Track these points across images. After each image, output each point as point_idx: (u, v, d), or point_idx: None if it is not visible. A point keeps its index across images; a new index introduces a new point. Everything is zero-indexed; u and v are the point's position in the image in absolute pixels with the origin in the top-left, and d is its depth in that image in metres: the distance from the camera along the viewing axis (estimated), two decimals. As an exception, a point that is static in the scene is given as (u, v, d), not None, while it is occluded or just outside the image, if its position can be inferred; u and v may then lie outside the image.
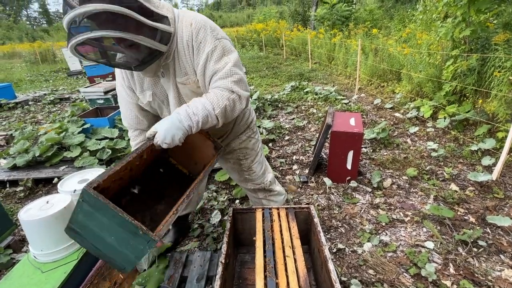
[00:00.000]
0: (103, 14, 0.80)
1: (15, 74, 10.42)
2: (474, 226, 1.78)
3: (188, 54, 1.00)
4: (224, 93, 0.97)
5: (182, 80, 1.05)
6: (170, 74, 1.05)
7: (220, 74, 0.98)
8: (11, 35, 31.82)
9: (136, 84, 1.12)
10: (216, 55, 0.98)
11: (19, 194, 2.48)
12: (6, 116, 5.24)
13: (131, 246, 0.78)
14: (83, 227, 0.81)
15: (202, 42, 0.98)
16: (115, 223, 0.75)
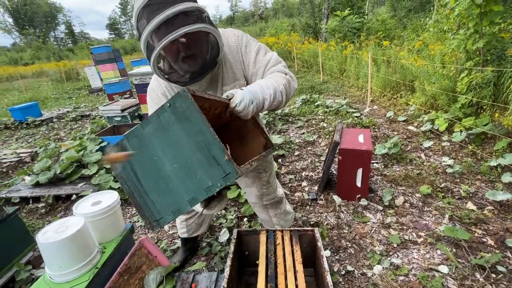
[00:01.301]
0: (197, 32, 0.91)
1: (42, 92, 11.14)
2: (493, 250, 1.69)
3: (238, 58, 1.13)
4: (280, 74, 1.09)
5: (230, 87, 1.15)
6: (217, 84, 1.15)
7: (271, 63, 1.13)
8: (39, 55, 34.20)
9: None
10: (262, 51, 1.14)
11: (40, 210, 2.62)
12: (32, 133, 5.59)
13: (198, 179, 0.65)
14: (142, 146, 0.69)
15: (247, 44, 1.14)
16: (195, 142, 0.64)
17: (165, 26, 0.86)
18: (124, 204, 2.61)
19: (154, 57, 0.90)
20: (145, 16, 0.88)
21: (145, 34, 0.87)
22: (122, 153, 0.76)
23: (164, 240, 2.08)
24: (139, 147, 0.71)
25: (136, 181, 0.73)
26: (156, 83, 1.19)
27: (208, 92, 1.09)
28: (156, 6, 0.86)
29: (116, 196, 1.45)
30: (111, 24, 62.89)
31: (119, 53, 10.44)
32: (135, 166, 0.73)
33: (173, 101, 0.66)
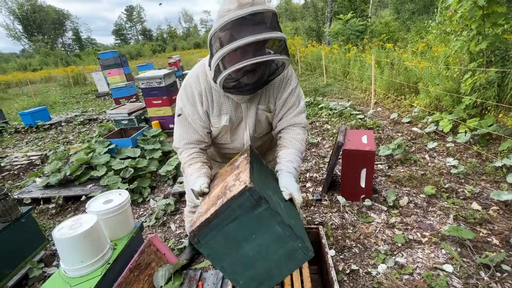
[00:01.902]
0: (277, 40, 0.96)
1: (51, 97, 11.38)
2: (498, 249, 1.69)
3: (278, 86, 1.19)
4: (304, 136, 1.21)
5: (263, 107, 1.21)
6: (254, 101, 1.19)
7: (298, 109, 1.22)
8: (48, 61, 34.90)
9: (214, 109, 1.17)
10: (296, 92, 1.22)
11: (51, 211, 2.69)
12: (42, 137, 5.73)
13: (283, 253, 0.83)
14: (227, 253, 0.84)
15: (289, 78, 1.21)
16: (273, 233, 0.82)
17: (253, 48, 0.90)
18: (132, 204, 2.67)
19: (230, 71, 0.92)
20: (235, 28, 0.88)
21: (230, 46, 0.87)
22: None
23: (171, 239, 2.13)
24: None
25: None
26: (195, 81, 1.15)
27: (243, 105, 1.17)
28: (250, 24, 0.88)
29: (126, 195, 1.50)
30: (117, 30, 63.99)
31: (125, 58, 10.65)
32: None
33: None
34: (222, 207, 0.78)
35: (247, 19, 0.88)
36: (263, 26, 0.90)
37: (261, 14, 0.89)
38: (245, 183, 0.76)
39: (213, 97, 1.16)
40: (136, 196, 2.73)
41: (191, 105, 1.17)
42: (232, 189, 0.80)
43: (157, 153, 3.28)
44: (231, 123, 1.20)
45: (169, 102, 4.52)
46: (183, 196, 2.68)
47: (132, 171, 2.83)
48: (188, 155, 1.19)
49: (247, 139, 1.26)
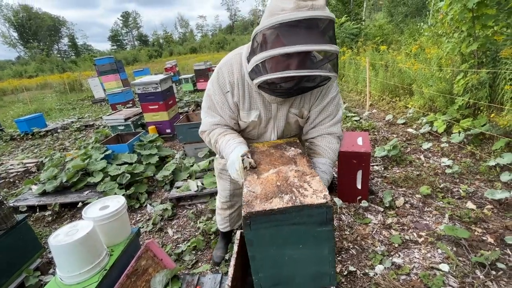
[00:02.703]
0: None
1: (46, 103, 11.33)
2: (493, 247, 1.71)
3: (315, 92, 1.11)
4: (338, 146, 1.18)
5: (296, 111, 1.14)
6: (286, 103, 1.12)
7: (335, 119, 1.17)
8: (43, 68, 34.81)
9: (245, 102, 1.12)
10: (335, 101, 1.14)
11: (47, 218, 2.67)
12: (38, 143, 5.69)
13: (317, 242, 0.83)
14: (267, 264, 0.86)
15: (330, 86, 1.11)
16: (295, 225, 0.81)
17: (302, 57, 0.83)
18: (129, 210, 2.66)
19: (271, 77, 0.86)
20: (287, 31, 0.80)
21: (277, 51, 0.80)
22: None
23: (169, 245, 2.12)
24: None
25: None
26: (229, 70, 1.09)
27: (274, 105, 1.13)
28: (304, 28, 0.79)
29: (123, 201, 1.50)
30: (113, 36, 64.10)
31: (121, 64, 10.67)
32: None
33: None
34: (293, 207, 0.76)
35: (302, 23, 0.78)
36: (317, 33, 0.81)
37: (319, 20, 0.79)
38: (326, 199, 0.76)
39: (245, 90, 1.10)
40: (133, 202, 2.73)
41: (222, 93, 1.12)
42: (305, 194, 0.80)
43: (154, 158, 3.28)
44: (259, 120, 1.15)
45: (166, 107, 4.53)
46: (180, 201, 2.68)
47: (129, 177, 2.83)
48: (220, 131, 1.16)
49: (274, 139, 1.23)
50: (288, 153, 1.07)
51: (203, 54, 35.88)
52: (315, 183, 0.85)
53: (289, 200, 0.79)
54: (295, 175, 0.91)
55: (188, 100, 7.50)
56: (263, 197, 0.84)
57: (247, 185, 0.91)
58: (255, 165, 0.99)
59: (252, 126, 1.19)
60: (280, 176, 0.92)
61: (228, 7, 72.56)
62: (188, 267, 1.87)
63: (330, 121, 1.16)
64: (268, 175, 0.95)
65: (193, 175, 3.01)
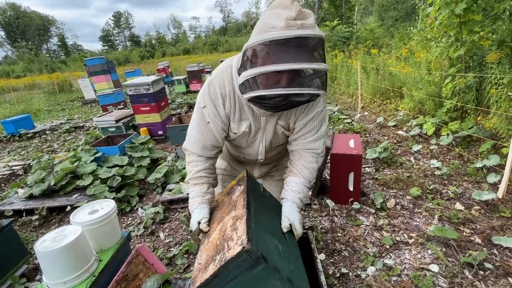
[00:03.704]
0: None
1: (34, 104, 11.06)
2: (480, 247, 1.75)
3: (301, 106, 1.09)
4: (315, 165, 1.17)
5: (283, 123, 1.14)
6: (274, 116, 1.12)
7: (317, 134, 1.16)
8: (31, 68, 34.02)
9: (235, 113, 1.13)
10: (321, 116, 1.14)
11: (34, 223, 2.60)
12: (25, 145, 5.54)
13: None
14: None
15: (317, 101, 1.10)
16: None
17: (292, 75, 0.85)
18: (119, 213, 2.61)
19: (260, 94, 0.88)
20: (276, 49, 0.81)
21: (266, 68, 0.82)
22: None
23: (160, 249, 2.09)
24: None
25: None
26: (220, 82, 1.09)
27: (263, 117, 1.13)
28: (293, 47, 0.81)
29: (112, 205, 1.47)
30: (104, 36, 63.20)
31: (112, 65, 10.52)
32: None
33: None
34: (220, 268, 0.78)
35: (292, 41, 0.80)
36: (307, 52, 0.82)
37: (309, 39, 0.81)
38: (242, 244, 0.75)
39: (236, 101, 1.10)
40: (124, 205, 2.68)
41: (213, 106, 1.11)
42: (230, 246, 0.80)
43: (146, 160, 3.24)
44: (249, 130, 1.16)
45: (158, 109, 4.48)
46: (172, 204, 2.65)
47: (119, 180, 2.78)
48: (197, 171, 1.18)
49: (262, 151, 1.25)
50: (233, 197, 1.07)
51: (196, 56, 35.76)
52: (241, 227, 0.84)
53: (219, 261, 0.81)
54: (231, 224, 0.91)
55: (180, 102, 7.45)
56: (203, 267, 0.86)
57: (198, 257, 0.95)
58: (207, 230, 1.05)
59: (242, 136, 1.20)
60: (221, 232, 0.93)
61: (222, 8, 72.65)
62: (180, 271, 1.85)
63: (312, 136, 1.16)
64: (214, 235, 0.97)
65: (185, 178, 2.98)
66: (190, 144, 1.19)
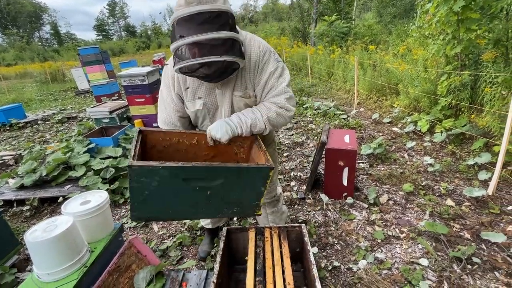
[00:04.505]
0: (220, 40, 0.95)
1: (26, 93, 10.82)
2: (469, 243, 1.79)
3: (253, 71, 1.18)
4: (272, 106, 1.18)
5: (240, 93, 1.20)
6: (228, 87, 1.19)
7: (276, 91, 1.19)
8: (23, 56, 33.19)
9: (188, 92, 1.21)
10: (275, 75, 1.19)
11: (25, 214, 2.56)
12: (16, 135, 5.44)
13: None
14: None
15: (266, 62, 1.17)
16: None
17: (201, 47, 0.91)
18: (112, 205, 2.59)
19: (179, 67, 0.96)
20: (182, 26, 0.92)
21: (174, 45, 0.94)
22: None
23: (153, 241, 2.09)
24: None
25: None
26: (170, 64, 1.19)
27: (218, 91, 1.19)
28: (196, 22, 0.90)
29: (105, 196, 1.45)
30: (98, 25, 61.77)
31: (107, 55, 10.30)
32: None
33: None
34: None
35: (194, 18, 0.90)
36: (208, 25, 0.91)
37: (208, 13, 0.90)
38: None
39: (187, 81, 1.19)
40: (117, 197, 2.66)
41: (166, 87, 1.24)
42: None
43: (140, 152, 3.20)
44: (206, 108, 1.23)
45: (153, 101, 4.42)
46: (166, 196, 2.64)
47: (113, 171, 2.75)
48: None
49: None
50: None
51: (192, 48, 35.13)
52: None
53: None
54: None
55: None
56: None
57: None
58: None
59: (202, 117, 1.27)
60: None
61: (219, 0, 71.24)
62: (173, 263, 1.85)
63: (272, 92, 1.20)
64: None
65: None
66: (159, 122, 1.33)
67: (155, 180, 0.88)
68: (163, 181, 0.89)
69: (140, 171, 0.86)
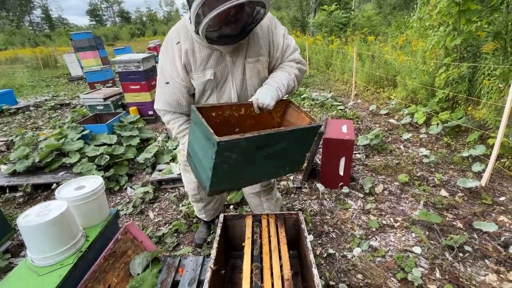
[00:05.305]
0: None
1: (17, 79, 10.52)
2: (461, 232, 1.82)
3: (266, 36, 1.19)
4: (293, 64, 1.26)
5: (253, 60, 1.19)
6: (240, 54, 1.17)
7: (291, 49, 1.26)
8: (13, 41, 32.15)
9: (197, 63, 1.15)
10: (285, 35, 1.25)
11: (18, 200, 2.53)
12: (7, 121, 5.32)
13: (208, 155, 0.94)
14: (191, 148, 1.07)
15: (276, 26, 1.23)
16: (201, 132, 0.96)
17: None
18: (107, 192, 2.57)
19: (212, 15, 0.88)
20: None
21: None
22: None
23: (149, 227, 2.08)
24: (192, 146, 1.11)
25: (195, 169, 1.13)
26: (175, 35, 1.15)
27: (229, 59, 1.18)
28: None
29: (100, 181, 1.43)
30: (91, 10, 59.83)
31: (100, 41, 10.03)
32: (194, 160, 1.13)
33: (191, 115, 1.01)
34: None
35: None
36: None
37: None
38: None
39: (195, 51, 1.14)
40: (112, 184, 2.63)
41: (170, 62, 1.17)
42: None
43: (135, 140, 3.16)
44: (215, 78, 1.19)
45: (148, 88, 4.34)
46: (162, 184, 2.62)
47: (108, 158, 2.71)
48: (181, 125, 1.26)
49: (235, 97, 1.25)
50: None
51: (188, 36, 34.40)
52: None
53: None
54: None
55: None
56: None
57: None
58: None
59: (210, 89, 1.23)
60: None
61: (216, -13, 69.40)
62: (169, 250, 1.85)
63: (287, 52, 1.26)
64: None
65: (176, 158, 2.94)
66: (158, 103, 1.26)
67: (235, 153, 0.93)
68: (241, 152, 0.95)
69: (226, 145, 0.89)
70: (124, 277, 1.37)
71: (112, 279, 1.30)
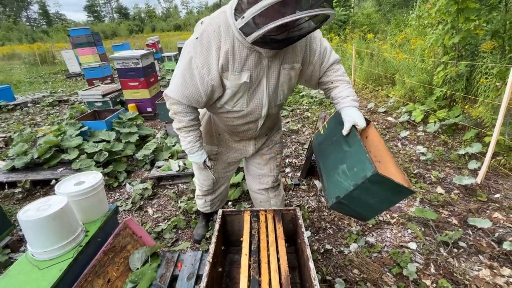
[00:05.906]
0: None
1: (14, 75, 10.47)
2: (456, 228, 1.85)
3: (304, 43, 1.16)
4: (340, 67, 1.28)
5: (288, 66, 1.16)
6: (277, 59, 1.12)
7: (328, 50, 1.24)
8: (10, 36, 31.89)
9: (235, 64, 1.06)
10: (322, 39, 1.22)
11: (17, 196, 2.54)
12: (5, 118, 5.30)
13: (390, 201, 1.06)
14: (353, 200, 1.06)
15: (312, 37, 1.18)
16: (387, 189, 1.00)
17: (294, 1, 0.83)
18: (106, 188, 2.58)
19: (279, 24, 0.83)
20: None
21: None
22: None
23: (148, 223, 2.10)
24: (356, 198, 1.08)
25: (353, 211, 1.17)
26: (215, 32, 1.02)
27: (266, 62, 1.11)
28: None
29: (99, 177, 1.44)
30: (89, 6, 59.32)
31: (99, 37, 9.97)
32: (354, 207, 1.14)
33: (371, 177, 0.96)
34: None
35: None
36: None
37: None
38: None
39: (235, 51, 1.04)
40: (111, 181, 2.64)
41: (204, 57, 1.04)
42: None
43: (134, 137, 3.17)
44: (251, 81, 1.12)
45: (147, 85, 4.33)
46: (161, 181, 2.64)
47: (106, 155, 2.72)
48: (190, 120, 1.23)
49: (266, 102, 1.20)
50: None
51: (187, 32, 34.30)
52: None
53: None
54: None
55: (170, 79, 7.22)
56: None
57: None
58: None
59: (242, 92, 1.14)
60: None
61: (216, -17, 69.03)
62: (168, 245, 1.87)
63: (327, 55, 1.24)
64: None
65: (175, 155, 2.95)
66: (174, 92, 1.15)
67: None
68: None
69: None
70: (124, 271, 1.38)
71: (112, 273, 1.31)
